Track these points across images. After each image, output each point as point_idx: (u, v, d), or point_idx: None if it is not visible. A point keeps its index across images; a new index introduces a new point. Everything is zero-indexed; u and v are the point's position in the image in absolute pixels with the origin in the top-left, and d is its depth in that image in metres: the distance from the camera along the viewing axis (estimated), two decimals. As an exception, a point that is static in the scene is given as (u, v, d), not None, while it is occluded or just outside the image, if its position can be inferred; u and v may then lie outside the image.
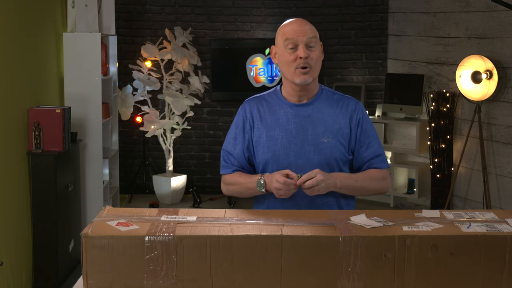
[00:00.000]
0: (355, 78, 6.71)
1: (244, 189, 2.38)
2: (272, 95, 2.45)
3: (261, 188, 2.29)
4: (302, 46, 2.30)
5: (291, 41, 2.31)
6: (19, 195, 4.04)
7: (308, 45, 2.31)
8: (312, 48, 2.32)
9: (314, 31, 2.35)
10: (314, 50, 2.32)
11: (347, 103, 2.40)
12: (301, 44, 2.31)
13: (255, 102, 2.45)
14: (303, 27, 2.33)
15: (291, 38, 2.31)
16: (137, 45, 6.44)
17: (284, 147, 2.34)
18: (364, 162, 2.38)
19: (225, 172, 2.45)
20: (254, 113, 2.42)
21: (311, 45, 2.32)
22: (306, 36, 2.31)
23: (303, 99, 2.39)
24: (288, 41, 2.32)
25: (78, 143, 4.79)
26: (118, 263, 1.75)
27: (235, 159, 2.42)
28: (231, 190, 2.46)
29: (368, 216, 1.94)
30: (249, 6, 6.66)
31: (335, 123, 2.36)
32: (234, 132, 2.45)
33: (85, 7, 5.05)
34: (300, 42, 2.31)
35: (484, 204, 5.23)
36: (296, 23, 2.35)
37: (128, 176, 6.51)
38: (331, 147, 2.32)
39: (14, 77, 4.03)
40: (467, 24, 5.57)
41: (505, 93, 5.16)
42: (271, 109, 2.41)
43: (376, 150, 2.38)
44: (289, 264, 1.76)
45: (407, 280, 1.77)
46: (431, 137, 5.80)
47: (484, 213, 1.98)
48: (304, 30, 2.32)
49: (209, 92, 6.58)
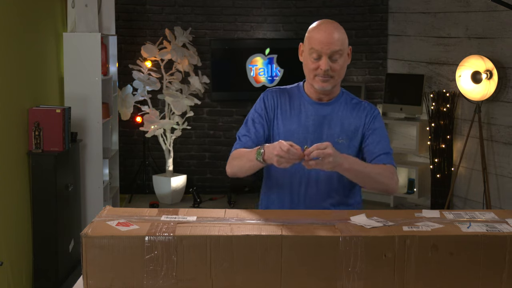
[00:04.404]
0: (355, 78, 6.71)
1: (245, 161, 2.30)
2: (294, 89, 2.47)
3: (259, 156, 2.18)
4: (325, 58, 2.29)
5: (315, 51, 2.30)
6: (19, 195, 4.04)
7: (332, 57, 2.29)
8: (336, 60, 2.30)
9: (341, 42, 2.30)
10: (337, 61, 2.30)
11: (363, 107, 2.42)
12: (324, 56, 2.29)
13: (277, 92, 2.46)
14: (330, 38, 2.28)
15: (315, 49, 2.29)
16: (137, 45, 6.44)
17: (299, 142, 2.30)
18: (373, 157, 2.37)
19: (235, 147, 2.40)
20: (276, 102, 2.42)
21: (335, 57, 2.30)
22: (331, 49, 2.28)
23: (323, 99, 2.41)
24: (312, 50, 2.30)
25: (78, 143, 4.79)
26: (118, 263, 1.75)
27: (249, 138, 2.38)
28: (234, 166, 2.36)
29: (368, 216, 1.94)
30: (249, 6, 6.66)
31: (351, 125, 2.38)
32: (252, 116, 2.42)
33: (85, 7, 5.05)
34: (324, 54, 2.29)
35: (484, 204, 5.23)
36: (325, 31, 2.30)
37: (128, 176, 6.51)
38: (345, 148, 2.33)
39: (14, 77, 4.03)
40: (467, 24, 5.57)
41: (505, 93, 5.16)
42: (292, 103, 2.42)
43: (385, 147, 2.40)
44: (289, 264, 1.76)
45: (407, 280, 1.77)
46: (431, 137, 5.79)
47: (484, 213, 1.99)
48: (330, 42, 2.28)
49: (209, 92, 6.58)
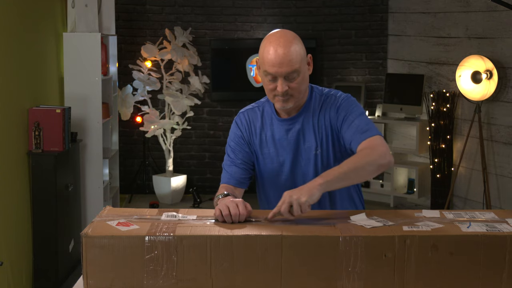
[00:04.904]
0: (355, 78, 6.71)
1: None
2: (266, 106, 2.34)
3: None
4: (281, 80, 2.13)
5: (270, 74, 2.14)
6: (19, 195, 4.04)
7: (289, 77, 2.13)
8: (294, 79, 2.14)
9: (296, 60, 2.12)
10: (296, 79, 2.15)
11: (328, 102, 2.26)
12: (280, 78, 2.13)
13: (249, 114, 2.36)
14: (283, 58, 2.10)
15: (269, 72, 2.14)
16: (137, 45, 6.44)
17: (279, 164, 2.29)
18: (350, 143, 2.19)
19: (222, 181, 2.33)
20: (249, 126, 2.34)
21: (293, 76, 2.14)
22: (286, 71, 2.12)
23: (292, 113, 2.27)
24: (266, 72, 2.15)
25: (78, 143, 4.79)
26: (118, 263, 1.75)
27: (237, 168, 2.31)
28: None
29: (368, 216, 1.94)
30: (249, 6, 6.66)
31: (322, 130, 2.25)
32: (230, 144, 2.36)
33: (85, 7, 5.05)
34: (279, 76, 2.13)
35: (484, 204, 5.23)
36: (277, 52, 2.11)
37: (128, 176, 6.51)
38: (323, 158, 2.25)
39: (14, 77, 4.03)
40: (467, 24, 5.57)
41: (505, 93, 5.16)
42: (264, 123, 2.32)
43: (358, 127, 2.17)
44: (289, 264, 1.76)
45: (407, 280, 1.77)
46: (431, 137, 5.79)
47: (484, 213, 1.98)
48: (284, 63, 2.11)
49: (209, 92, 6.58)
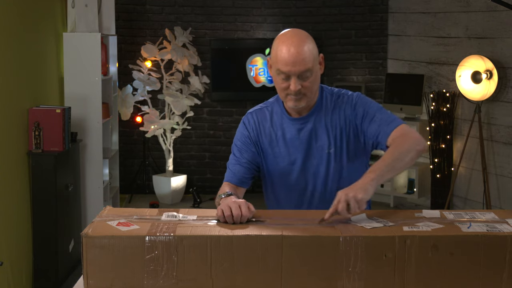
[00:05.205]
0: (355, 78, 6.71)
1: None
2: (276, 106, 2.33)
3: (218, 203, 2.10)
4: (294, 78, 2.14)
5: (283, 73, 2.15)
6: (19, 195, 4.04)
7: (302, 76, 2.14)
8: (307, 78, 2.15)
9: (310, 59, 2.13)
10: (309, 79, 2.15)
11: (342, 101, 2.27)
12: (293, 76, 2.14)
13: (257, 114, 2.35)
14: (297, 57, 2.11)
15: (282, 70, 2.14)
16: (137, 45, 6.43)
17: (290, 163, 2.28)
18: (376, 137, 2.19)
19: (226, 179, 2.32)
20: (258, 126, 2.32)
21: (306, 75, 2.14)
22: (299, 70, 2.12)
23: (303, 112, 2.27)
24: (279, 71, 2.15)
25: (78, 143, 4.79)
26: (118, 263, 1.75)
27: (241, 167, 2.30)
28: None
29: (368, 216, 1.94)
30: (249, 6, 6.66)
31: (336, 129, 2.25)
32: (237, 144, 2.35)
33: (85, 7, 5.05)
34: (292, 75, 2.14)
35: (484, 204, 5.23)
36: (290, 51, 2.12)
37: (128, 176, 6.51)
38: (336, 157, 2.25)
39: (14, 77, 4.03)
40: (467, 24, 5.57)
41: (505, 93, 5.16)
42: (274, 123, 2.31)
43: (382, 120, 2.19)
44: (289, 264, 1.76)
45: (407, 280, 1.77)
46: (431, 137, 5.79)
47: (484, 213, 1.98)
48: (297, 62, 2.11)
49: (209, 92, 6.58)
